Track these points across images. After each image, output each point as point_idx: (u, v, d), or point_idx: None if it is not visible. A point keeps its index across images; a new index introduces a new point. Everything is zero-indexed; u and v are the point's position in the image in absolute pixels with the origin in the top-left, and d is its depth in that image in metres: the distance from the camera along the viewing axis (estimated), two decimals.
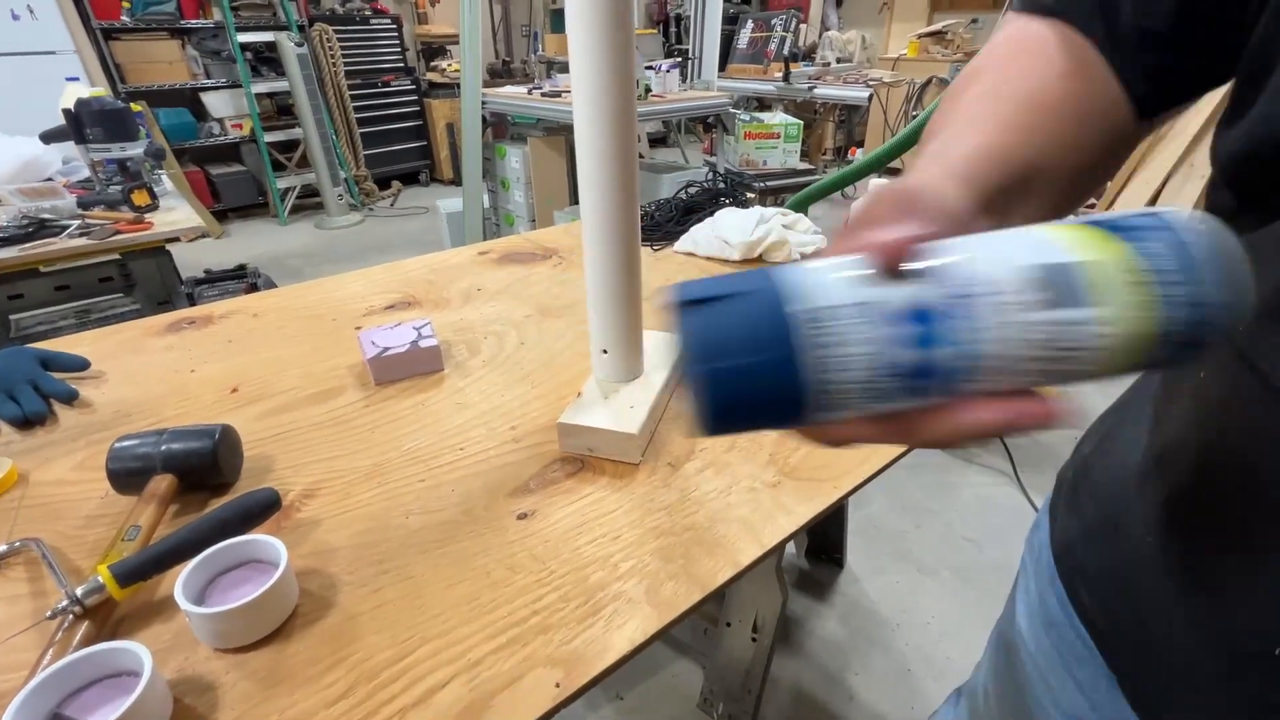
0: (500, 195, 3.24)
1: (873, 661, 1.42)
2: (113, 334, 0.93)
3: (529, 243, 1.29)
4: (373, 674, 0.45)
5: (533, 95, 2.92)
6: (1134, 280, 0.21)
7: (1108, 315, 0.21)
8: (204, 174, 4.32)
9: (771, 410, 0.23)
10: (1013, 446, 1.96)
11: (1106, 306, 0.21)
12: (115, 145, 1.78)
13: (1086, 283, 0.21)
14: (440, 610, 0.49)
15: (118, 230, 1.59)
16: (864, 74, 4.54)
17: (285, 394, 0.78)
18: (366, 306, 1.01)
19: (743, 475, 0.64)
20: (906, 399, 0.23)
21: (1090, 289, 0.21)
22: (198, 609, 0.44)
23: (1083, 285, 0.21)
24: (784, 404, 0.22)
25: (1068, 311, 0.21)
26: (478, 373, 0.82)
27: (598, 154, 0.61)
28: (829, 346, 0.21)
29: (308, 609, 0.50)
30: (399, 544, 0.56)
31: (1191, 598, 0.34)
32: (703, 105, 3.02)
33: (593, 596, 0.51)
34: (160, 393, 0.78)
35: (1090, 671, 0.41)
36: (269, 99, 4.46)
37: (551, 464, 0.66)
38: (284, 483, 0.63)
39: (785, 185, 2.74)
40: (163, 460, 0.59)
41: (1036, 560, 0.49)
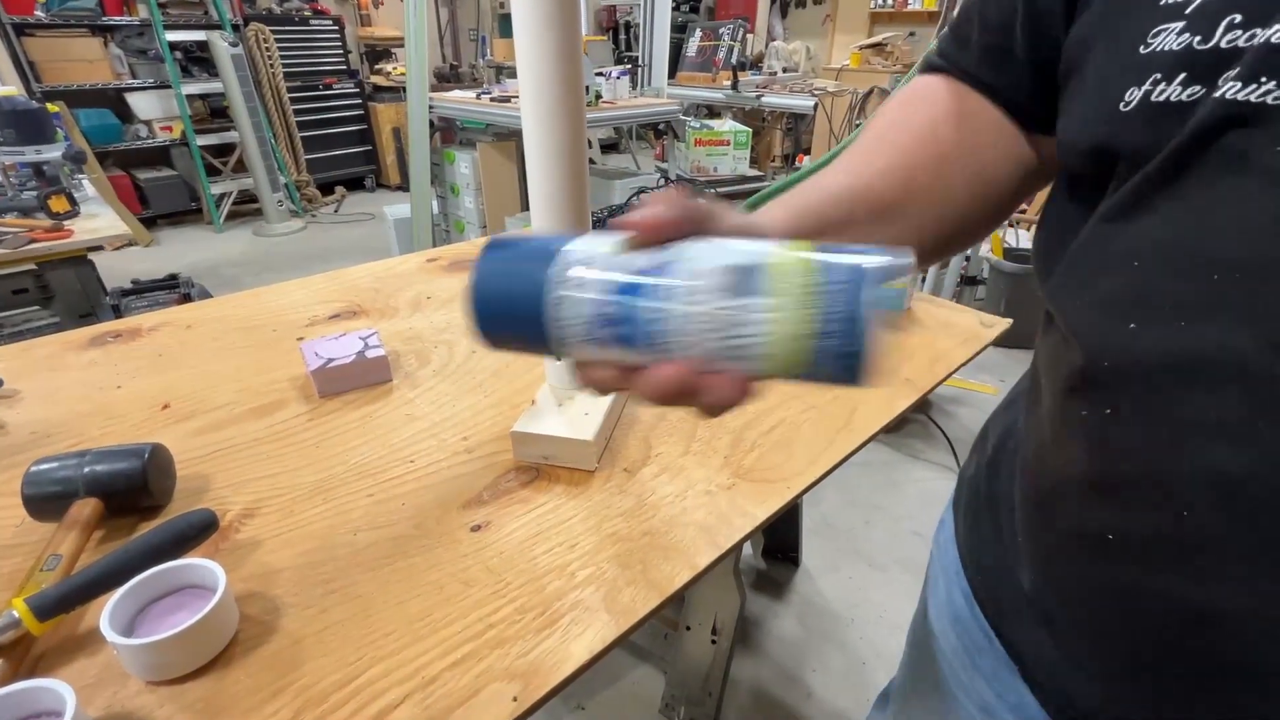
0: (450, 201, 3.19)
1: (829, 658, 1.45)
2: (27, 350, 0.87)
3: (479, 249, 1.27)
4: (320, 698, 0.43)
5: (481, 100, 2.88)
6: (806, 286, 0.24)
7: (766, 306, 0.25)
8: (130, 179, 4.09)
9: (521, 331, 0.29)
10: (956, 442, 2.04)
11: (769, 299, 0.25)
12: (29, 148, 1.67)
13: (764, 280, 0.25)
14: (391, 629, 0.48)
15: (33, 239, 1.49)
16: (809, 83, 4.66)
17: (221, 409, 0.74)
18: (309, 316, 0.97)
19: (698, 479, 0.64)
20: (620, 349, 0.27)
21: (765, 284, 0.25)
22: (125, 640, 0.42)
23: (760, 281, 0.25)
24: (530, 329, 0.28)
25: (738, 299, 0.25)
26: (428, 383, 0.80)
27: (547, 158, 0.61)
28: (565, 291, 0.27)
29: (249, 635, 0.47)
30: (346, 562, 0.54)
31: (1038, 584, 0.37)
32: (653, 112, 3.04)
33: (550, 607, 0.50)
34: (83, 411, 0.73)
35: (992, 661, 0.42)
36: (201, 100, 4.27)
37: (506, 474, 0.65)
38: (222, 502, 0.60)
39: (736, 191, 2.79)
40: (86, 483, 0.55)
41: (943, 556, 0.50)
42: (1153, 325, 0.27)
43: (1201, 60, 0.25)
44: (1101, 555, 0.31)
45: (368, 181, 5.21)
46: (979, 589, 0.45)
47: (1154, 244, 0.27)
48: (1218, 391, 0.25)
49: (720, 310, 0.25)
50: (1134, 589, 0.30)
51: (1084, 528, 0.32)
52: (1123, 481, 0.29)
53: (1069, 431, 0.32)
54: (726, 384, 0.27)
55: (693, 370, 0.27)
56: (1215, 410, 0.25)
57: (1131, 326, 0.28)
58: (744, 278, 0.25)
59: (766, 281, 0.25)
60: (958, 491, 0.51)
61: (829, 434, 0.71)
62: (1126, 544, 0.29)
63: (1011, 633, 0.41)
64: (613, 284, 0.27)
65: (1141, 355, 0.28)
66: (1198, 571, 0.27)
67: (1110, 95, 0.28)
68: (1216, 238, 0.25)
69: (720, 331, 0.25)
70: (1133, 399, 0.28)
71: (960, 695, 0.46)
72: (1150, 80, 0.27)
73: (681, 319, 0.26)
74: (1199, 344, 0.25)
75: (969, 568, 0.46)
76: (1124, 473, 0.29)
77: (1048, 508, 0.35)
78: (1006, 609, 0.41)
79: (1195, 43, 0.25)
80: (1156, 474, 0.27)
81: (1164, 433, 0.27)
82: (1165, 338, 0.27)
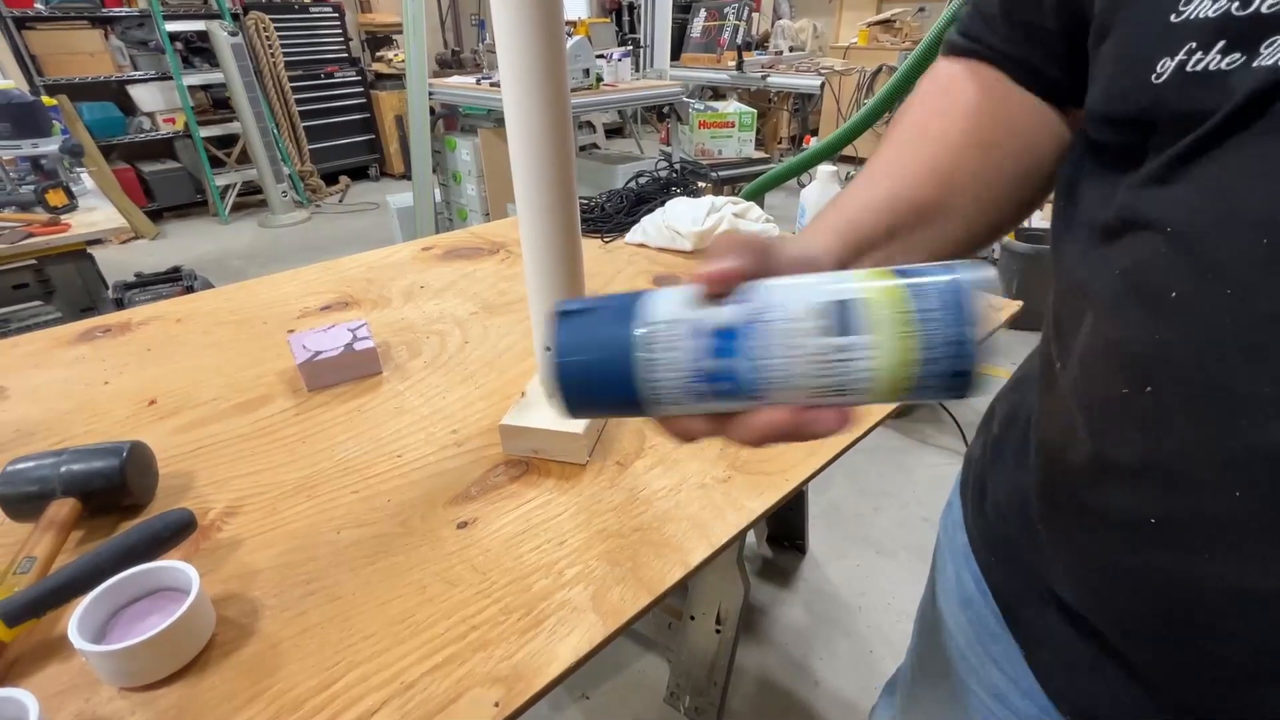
0: (452, 189, 3.16)
1: (836, 645, 1.43)
2: (16, 346, 0.86)
3: (475, 237, 1.24)
4: (295, 705, 0.42)
5: (481, 85, 2.84)
6: (902, 315, 0.25)
7: (872, 342, 0.25)
8: (135, 172, 4.09)
9: (612, 399, 0.29)
10: (966, 426, 2.01)
11: (872, 334, 0.25)
12: (26, 141, 1.66)
13: (861, 315, 0.25)
14: (371, 631, 0.46)
15: (31, 233, 1.48)
16: (816, 63, 4.57)
17: (208, 405, 0.73)
18: (300, 308, 0.95)
19: (692, 472, 0.62)
20: (719, 401, 0.27)
21: (862, 319, 0.25)
22: (94, 647, 0.40)
23: (857, 317, 0.25)
24: (621, 394, 0.28)
25: (841, 339, 0.25)
26: (418, 375, 0.78)
27: (530, 140, 0.58)
28: (654, 350, 0.27)
29: (226, 638, 0.46)
30: (328, 562, 0.52)
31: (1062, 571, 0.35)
32: (655, 95, 2.99)
33: (535, 607, 0.48)
34: (67, 409, 0.72)
35: (1005, 647, 0.42)
36: (203, 91, 4.25)
37: (494, 468, 0.63)
38: (204, 501, 0.59)
39: (741, 174, 2.74)
40: (63, 483, 0.54)
41: (951, 540, 0.49)
42: (1197, 296, 0.25)
43: (1241, 26, 0.24)
44: (1137, 540, 0.29)
45: (371, 171, 5.19)
46: (990, 573, 0.44)
47: (1191, 210, 0.26)
48: (1272, 362, 0.23)
49: (822, 351, 0.25)
50: (1173, 574, 0.28)
51: (1117, 512, 0.30)
52: (1163, 463, 0.28)
53: (1102, 412, 0.30)
54: (830, 417, 0.26)
55: (796, 410, 0.26)
56: (1269, 384, 0.24)
57: (1173, 296, 0.26)
58: (840, 315, 0.25)
59: (864, 315, 0.25)
60: (964, 473, 0.50)
61: None
62: (1166, 528, 0.28)
63: (1025, 619, 0.40)
64: (706, 339, 0.26)
65: (1185, 328, 0.26)
66: (1247, 556, 0.25)
67: (1140, 66, 0.27)
68: (1269, 202, 0.24)
69: (825, 371, 0.25)
70: (1175, 375, 0.26)
71: (971, 681, 0.46)
72: (1185, 50, 0.25)
73: (784, 364, 0.26)
74: (1250, 313, 0.24)
75: (979, 551, 0.45)
76: (1166, 454, 0.27)
77: (1072, 492, 0.34)
78: (1019, 594, 0.40)
79: (1234, 9, 0.24)
80: (1204, 454, 0.26)
81: (1211, 410, 0.25)
82: (1213, 308, 0.25)
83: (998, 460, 0.44)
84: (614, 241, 1.21)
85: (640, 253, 1.16)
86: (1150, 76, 0.26)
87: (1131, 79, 0.28)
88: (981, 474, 0.46)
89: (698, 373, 0.26)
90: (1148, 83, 0.27)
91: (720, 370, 0.26)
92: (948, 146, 0.38)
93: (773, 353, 0.26)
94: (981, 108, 0.39)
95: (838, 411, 0.26)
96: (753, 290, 0.27)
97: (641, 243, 1.18)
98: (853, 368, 0.25)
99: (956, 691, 0.47)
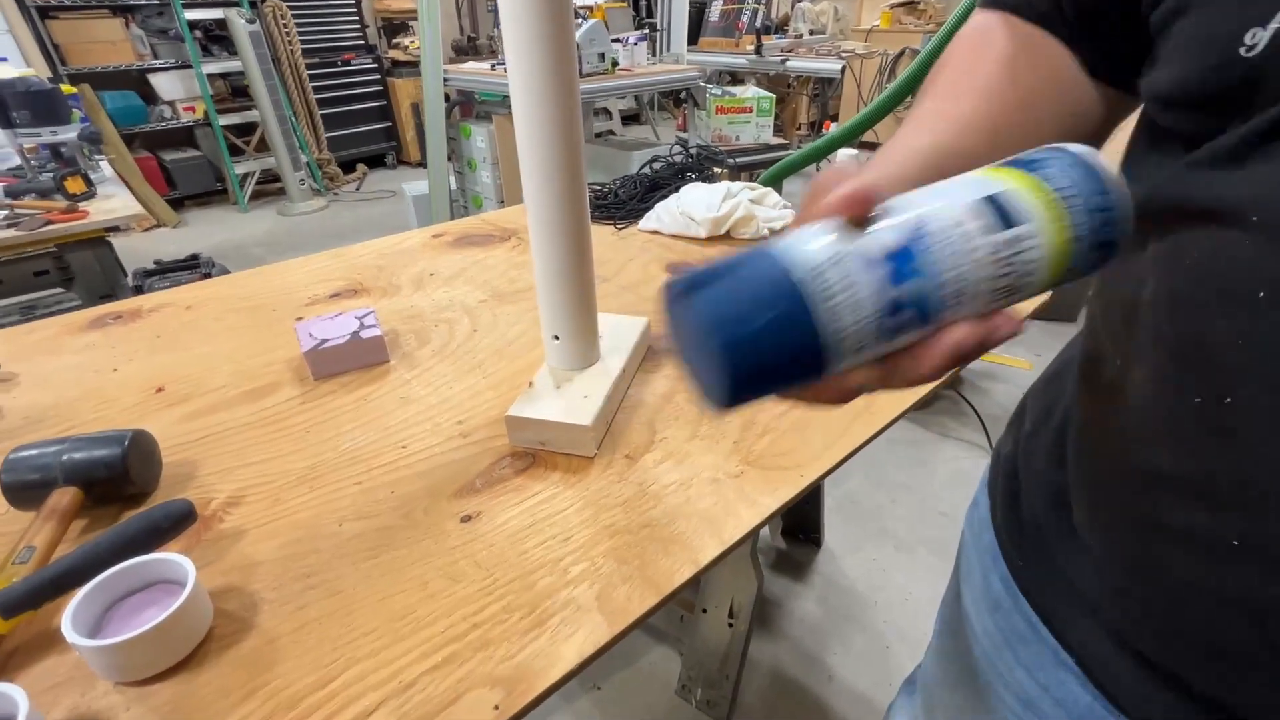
0: (467, 176, 3.15)
1: (851, 640, 1.41)
2: (28, 332, 0.86)
3: (486, 224, 1.23)
4: (291, 703, 0.41)
5: (497, 71, 2.81)
6: (1047, 198, 0.25)
7: (1035, 229, 0.24)
8: (157, 160, 4.13)
9: (794, 367, 0.25)
10: (988, 419, 1.96)
11: (1032, 221, 0.24)
12: (45, 129, 1.67)
13: (1015, 206, 0.25)
14: (371, 627, 0.45)
15: (50, 220, 1.49)
16: (837, 46, 4.47)
17: (214, 393, 0.72)
18: (310, 296, 0.95)
19: (704, 466, 0.60)
20: (906, 334, 0.25)
21: (1018, 210, 0.24)
22: (88, 641, 0.40)
23: (1012, 208, 0.24)
24: (806, 357, 0.24)
25: (1008, 232, 0.24)
26: (426, 364, 0.77)
27: (537, 126, 0.56)
28: (836, 295, 0.23)
29: (224, 632, 0.45)
30: (330, 554, 0.51)
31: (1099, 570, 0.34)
32: (672, 79, 2.94)
33: (539, 605, 0.47)
34: (76, 396, 0.72)
35: (1035, 652, 0.40)
36: (222, 80, 4.27)
37: (500, 460, 0.61)
38: (207, 490, 0.58)
39: (758, 161, 2.69)
40: (65, 471, 0.53)
41: (977, 540, 0.47)
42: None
43: None
44: (1198, 555, 0.27)
45: (388, 158, 5.19)
46: (1020, 576, 0.42)
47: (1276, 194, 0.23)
48: None
49: (995, 248, 0.24)
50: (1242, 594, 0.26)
51: (1180, 525, 0.28)
52: (1243, 480, 0.25)
53: (1167, 422, 0.28)
54: (1007, 322, 0.25)
55: (977, 322, 0.25)
56: None
57: (1261, 296, 0.23)
58: (999, 210, 0.24)
59: (1019, 204, 0.24)
60: (992, 471, 0.48)
61: (847, 418, 0.66)
62: (1240, 549, 0.26)
63: (1063, 624, 0.38)
64: (882, 266, 0.24)
65: (1270, 330, 0.23)
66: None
67: (1226, 41, 0.24)
68: None
69: (1001, 269, 0.24)
70: (1255, 383, 0.24)
71: (998, 685, 0.44)
72: (1277, 18, 0.23)
73: (965, 271, 0.24)
74: None
75: (1008, 552, 0.43)
76: (1247, 471, 0.25)
77: (1127, 499, 0.31)
78: (1054, 598, 0.39)
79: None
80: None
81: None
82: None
83: (1031, 460, 0.42)
84: (627, 228, 1.19)
85: (654, 240, 1.13)
86: (1239, 50, 0.24)
87: (1217, 55, 0.25)
88: (1013, 473, 0.44)
89: (885, 305, 0.24)
90: (1236, 56, 0.24)
91: (907, 296, 0.24)
92: (986, 99, 0.36)
93: (952, 262, 0.24)
94: (1016, 64, 0.37)
95: (1009, 316, 0.25)
96: (894, 208, 0.25)
97: (655, 229, 1.15)
98: (1024, 259, 0.24)
99: (983, 695, 0.45)
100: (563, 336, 0.66)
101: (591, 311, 0.66)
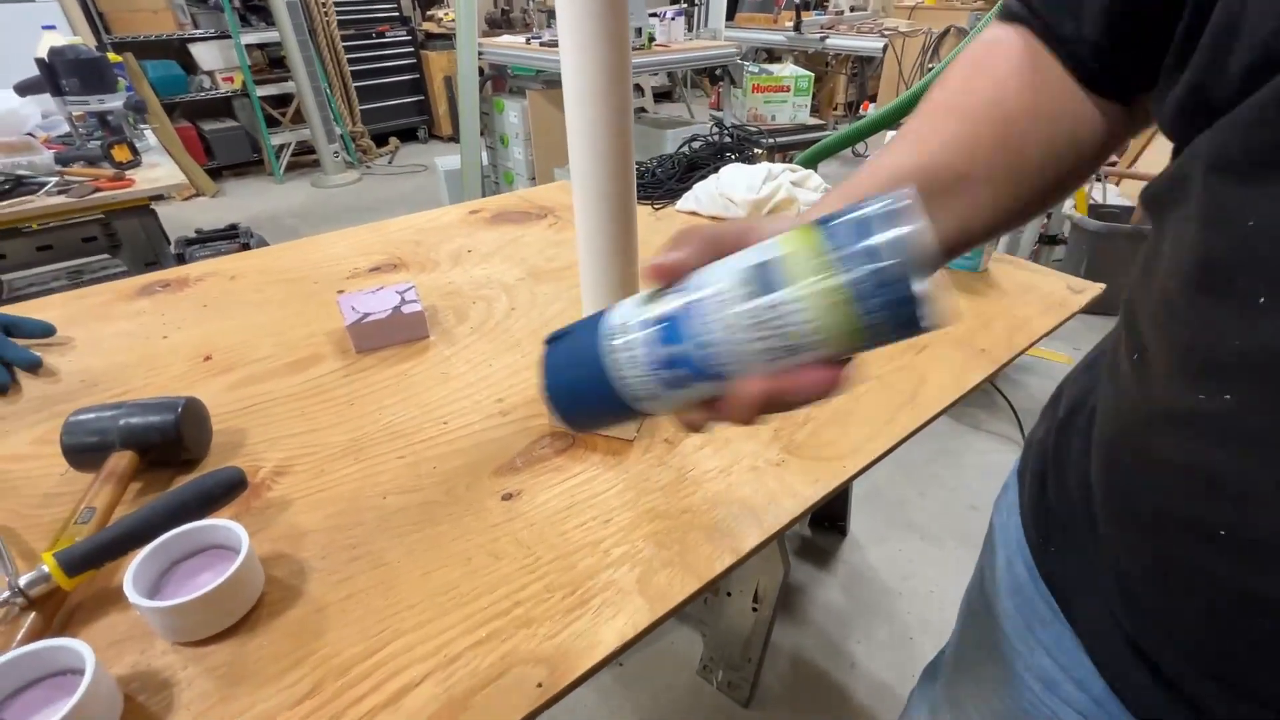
0: (499, 152, 3.14)
1: (875, 630, 1.41)
2: (82, 298, 0.88)
3: (523, 201, 1.22)
4: (340, 671, 0.41)
5: (531, 45, 2.79)
6: (819, 260, 0.24)
7: (795, 294, 0.24)
8: (196, 130, 4.19)
9: (601, 407, 0.30)
10: (1022, 413, 1.92)
11: (792, 287, 0.24)
12: (93, 97, 1.69)
13: (781, 270, 0.25)
14: (415, 601, 0.46)
15: (98, 188, 1.53)
16: (879, 23, 4.33)
17: (260, 362, 0.73)
18: (350, 269, 0.95)
19: (745, 453, 0.59)
20: (690, 387, 0.28)
21: (782, 273, 0.25)
22: (147, 602, 0.41)
23: (778, 273, 0.25)
24: (606, 402, 0.30)
25: (767, 297, 0.25)
26: (464, 340, 0.77)
27: (587, 98, 0.55)
28: (617, 353, 0.29)
29: (274, 598, 0.46)
30: (374, 527, 0.52)
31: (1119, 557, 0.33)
32: (709, 56, 2.88)
33: (580, 586, 0.47)
34: (128, 361, 0.74)
35: (1055, 634, 0.40)
36: (260, 50, 4.29)
37: (540, 440, 0.61)
38: (255, 459, 0.59)
39: (794, 141, 2.63)
40: (121, 435, 0.55)
41: (1004, 524, 0.47)
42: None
43: None
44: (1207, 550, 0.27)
45: (420, 132, 5.20)
46: (1042, 560, 0.42)
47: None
48: None
49: (755, 314, 0.25)
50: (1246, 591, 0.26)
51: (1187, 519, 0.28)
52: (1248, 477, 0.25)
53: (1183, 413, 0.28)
54: (813, 377, 0.26)
55: (772, 378, 0.26)
56: None
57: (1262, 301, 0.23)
58: (762, 274, 0.25)
59: (783, 269, 0.25)
60: (1024, 456, 0.48)
61: (890, 409, 0.64)
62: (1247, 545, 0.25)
63: (1079, 609, 0.38)
64: (652, 330, 0.28)
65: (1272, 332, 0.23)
66: None
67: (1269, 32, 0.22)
68: None
69: (765, 333, 0.25)
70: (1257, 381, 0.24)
71: (1018, 667, 0.44)
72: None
73: (724, 336, 0.26)
74: None
75: (1033, 538, 0.43)
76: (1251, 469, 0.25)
77: (1137, 490, 0.31)
78: (1073, 584, 0.39)
79: None
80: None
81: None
82: None
83: (1061, 445, 0.42)
84: (664, 209, 1.17)
85: (692, 221, 1.12)
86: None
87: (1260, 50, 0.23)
88: (1044, 458, 0.44)
89: (657, 363, 0.28)
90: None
91: (674, 357, 0.27)
92: (970, 122, 0.36)
93: (711, 328, 0.26)
94: (1007, 87, 0.36)
95: (819, 372, 0.26)
96: (693, 275, 0.28)
97: (694, 210, 1.14)
98: (790, 322, 0.25)
99: (1004, 677, 0.46)
100: None
101: (634, 291, 0.65)
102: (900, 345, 0.75)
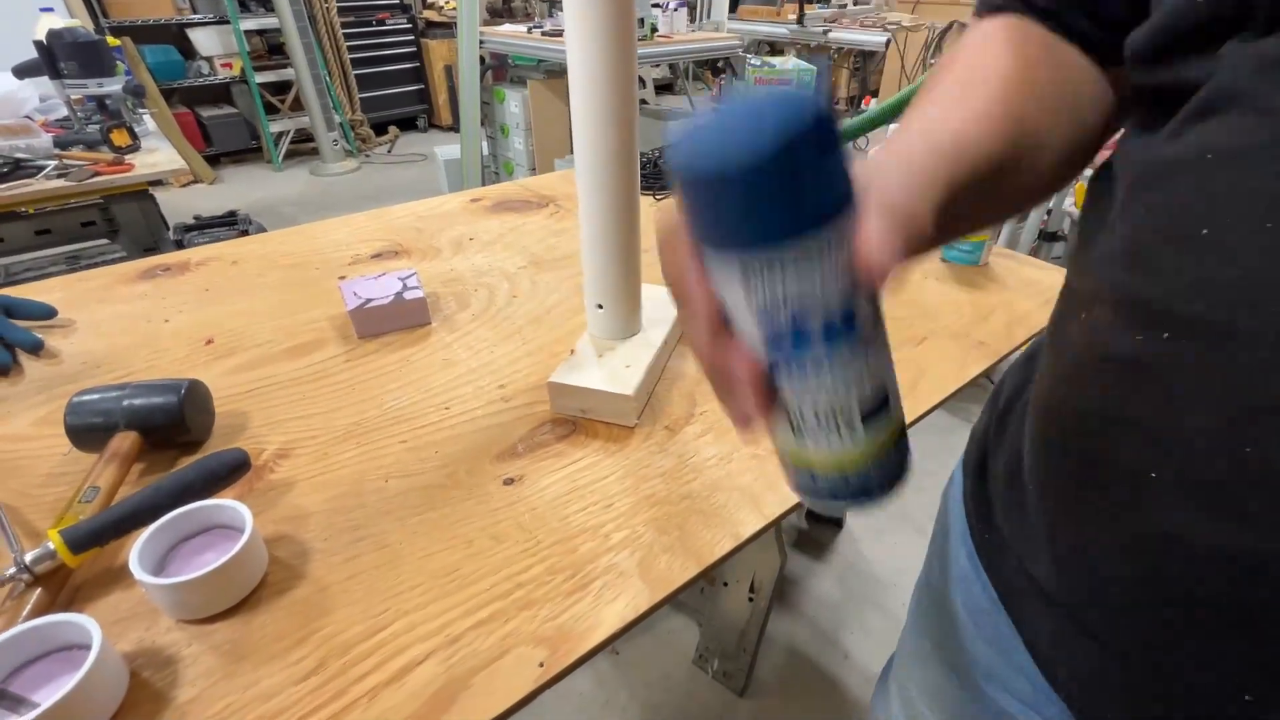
0: (499, 142, 3.13)
1: (869, 621, 1.42)
2: (83, 280, 0.88)
3: (524, 190, 1.22)
4: (343, 649, 0.42)
5: (533, 34, 2.77)
6: None
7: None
8: (194, 116, 4.16)
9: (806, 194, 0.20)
10: None
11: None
12: (92, 81, 1.68)
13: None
14: (418, 582, 0.46)
15: (96, 172, 1.52)
16: (883, 17, 4.32)
17: (262, 347, 0.73)
18: (351, 255, 0.95)
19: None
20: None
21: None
22: (152, 579, 0.41)
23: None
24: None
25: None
26: (466, 327, 0.78)
27: (593, 86, 0.55)
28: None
29: (277, 578, 0.47)
30: (376, 510, 0.52)
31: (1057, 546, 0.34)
32: (711, 47, 2.87)
33: (581, 569, 0.48)
34: (130, 344, 0.74)
35: (995, 624, 0.40)
36: (259, 36, 4.26)
37: (541, 426, 0.62)
38: (258, 441, 0.60)
39: None
40: (125, 416, 0.55)
41: (951, 515, 0.48)
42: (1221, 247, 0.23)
43: None
44: (1131, 497, 0.27)
45: (420, 121, 5.17)
46: (982, 549, 0.42)
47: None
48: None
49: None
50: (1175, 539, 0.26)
51: (1107, 467, 0.28)
52: (1183, 425, 0.25)
53: (1109, 371, 0.28)
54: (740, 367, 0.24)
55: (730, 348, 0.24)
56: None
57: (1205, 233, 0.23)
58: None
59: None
60: (968, 448, 0.48)
61: None
62: (1168, 486, 0.26)
63: (1016, 599, 0.39)
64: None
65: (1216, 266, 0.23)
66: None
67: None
68: None
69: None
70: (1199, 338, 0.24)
71: (963, 660, 0.44)
72: None
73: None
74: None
75: (974, 526, 0.44)
76: (1183, 418, 0.25)
77: (1057, 441, 0.32)
78: (1011, 571, 0.39)
79: None
80: (1225, 409, 0.23)
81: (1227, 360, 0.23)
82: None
83: (1001, 432, 0.42)
84: (665, 199, 1.17)
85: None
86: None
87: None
88: (984, 446, 0.44)
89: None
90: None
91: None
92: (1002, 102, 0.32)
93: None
94: (1030, 62, 0.34)
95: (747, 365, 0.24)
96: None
97: None
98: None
99: (947, 670, 0.46)
100: (606, 305, 0.66)
101: (636, 281, 0.66)
102: (900, 338, 0.75)
